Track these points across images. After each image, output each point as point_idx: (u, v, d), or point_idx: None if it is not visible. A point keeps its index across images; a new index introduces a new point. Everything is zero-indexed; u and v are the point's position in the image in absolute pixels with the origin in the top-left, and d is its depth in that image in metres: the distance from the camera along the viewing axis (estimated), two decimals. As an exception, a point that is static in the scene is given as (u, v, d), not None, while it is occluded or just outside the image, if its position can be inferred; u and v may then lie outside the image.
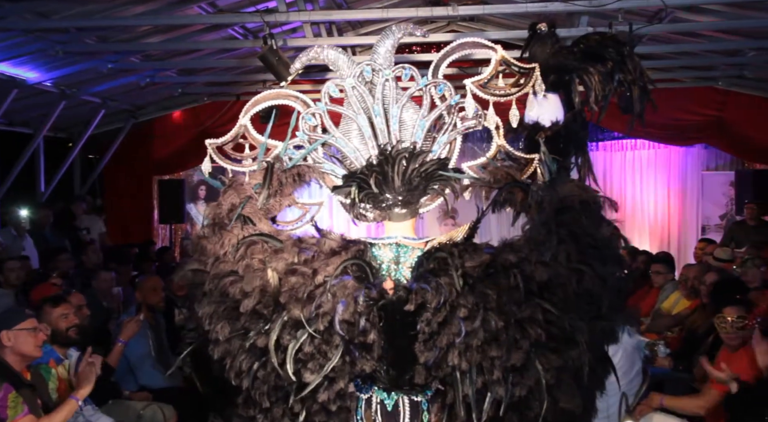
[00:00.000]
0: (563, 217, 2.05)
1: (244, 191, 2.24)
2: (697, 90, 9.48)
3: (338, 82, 2.35)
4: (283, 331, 1.94)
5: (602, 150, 11.40)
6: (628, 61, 2.28)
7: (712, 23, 7.17)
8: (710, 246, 8.03)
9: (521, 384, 1.92)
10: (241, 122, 2.42)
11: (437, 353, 1.91)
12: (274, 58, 6.43)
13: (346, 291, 1.95)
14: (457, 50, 2.36)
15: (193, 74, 9.02)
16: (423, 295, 1.93)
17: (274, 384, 1.99)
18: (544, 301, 1.93)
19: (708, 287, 5.69)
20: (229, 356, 2.03)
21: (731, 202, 10.72)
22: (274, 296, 1.98)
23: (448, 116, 2.30)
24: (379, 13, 7.09)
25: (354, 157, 2.31)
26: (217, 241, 2.13)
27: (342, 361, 1.94)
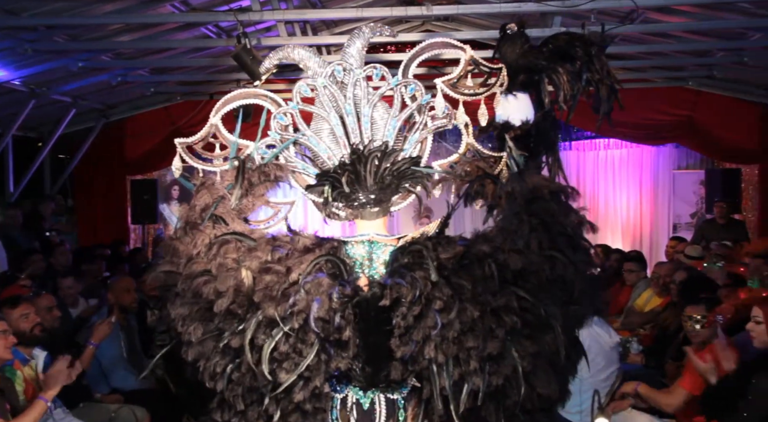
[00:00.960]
0: (533, 206, 2.08)
1: (216, 192, 2.23)
2: (668, 90, 9.59)
3: (310, 82, 2.35)
4: (257, 330, 1.93)
5: (575, 150, 11.51)
6: (595, 60, 2.30)
7: (683, 24, 7.26)
8: (681, 244, 8.15)
9: (498, 372, 1.94)
10: (212, 121, 2.42)
11: (413, 347, 1.91)
12: (248, 57, 6.39)
13: (320, 289, 1.94)
14: (426, 50, 2.39)
15: (166, 73, 8.93)
16: (398, 290, 1.93)
17: (249, 385, 1.98)
18: (518, 289, 1.96)
19: (678, 286, 5.77)
20: (203, 358, 2.01)
21: (701, 201, 10.87)
22: (249, 296, 1.97)
23: (419, 115, 2.33)
24: (354, 13, 7.08)
25: (326, 156, 2.32)
26: (190, 241, 2.12)
27: (317, 359, 1.94)
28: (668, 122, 9.89)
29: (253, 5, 6.31)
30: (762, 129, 9.37)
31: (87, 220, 10.24)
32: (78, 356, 4.48)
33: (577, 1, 6.01)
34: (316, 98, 2.35)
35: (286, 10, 6.70)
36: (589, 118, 6.87)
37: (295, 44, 2.45)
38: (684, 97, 9.56)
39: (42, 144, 9.60)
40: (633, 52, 8.41)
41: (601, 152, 11.48)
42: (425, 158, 2.33)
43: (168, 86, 9.52)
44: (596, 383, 4.36)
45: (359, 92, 2.32)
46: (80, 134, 9.89)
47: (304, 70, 2.39)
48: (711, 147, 10.20)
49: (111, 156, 10.12)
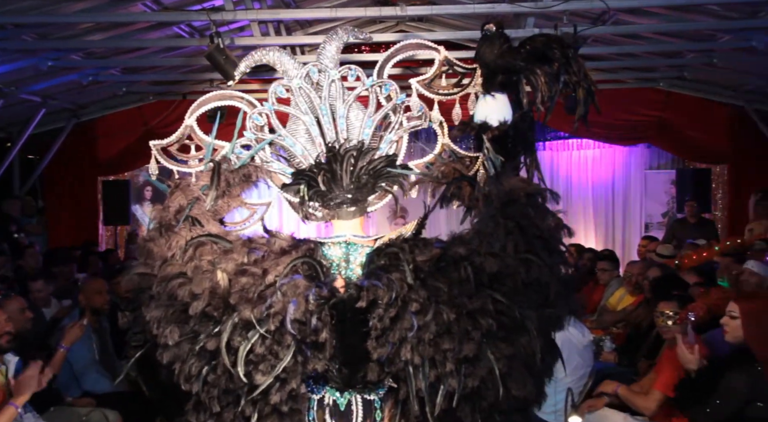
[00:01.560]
0: (510, 209, 2.08)
1: (191, 193, 2.21)
2: (640, 91, 9.70)
3: (285, 83, 2.35)
4: (233, 333, 1.92)
5: (549, 150, 11.60)
6: (572, 62, 2.32)
7: (653, 26, 7.35)
8: (653, 243, 8.25)
9: (473, 374, 1.94)
10: (187, 122, 2.40)
11: (390, 348, 1.92)
12: (221, 57, 6.34)
13: (296, 290, 1.93)
14: (401, 51, 2.41)
15: (138, 73, 8.83)
16: (374, 292, 1.94)
17: (225, 387, 1.97)
18: (494, 291, 1.97)
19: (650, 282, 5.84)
20: (179, 360, 1.99)
21: (673, 200, 11.01)
22: (224, 298, 1.95)
23: (395, 114, 2.34)
24: (328, 13, 7.06)
25: (302, 156, 2.32)
26: (164, 243, 2.10)
27: (294, 361, 1.93)
28: (640, 122, 10.01)
29: (226, 5, 6.27)
30: (731, 129, 9.52)
31: (57, 221, 10.08)
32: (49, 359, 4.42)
33: (549, 2, 6.05)
34: (292, 99, 2.35)
35: (260, 9, 6.66)
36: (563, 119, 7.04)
37: (270, 46, 2.45)
38: (655, 98, 9.68)
39: (11, 144, 9.44)
40: (605, 54, 8.50)
41: (575, 152, 11.58)
42: (401, 157, 2.34)
43: (140, 86, 9.43)
44: (570, 382, 4.39)
45: (334, 93, 2.33)
46: (50, 134, 9.74)
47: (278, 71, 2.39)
48: (681, 147, 10.34)
49: (82, 157, 9.99)
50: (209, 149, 2.36)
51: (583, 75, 2.35)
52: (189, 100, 9.75)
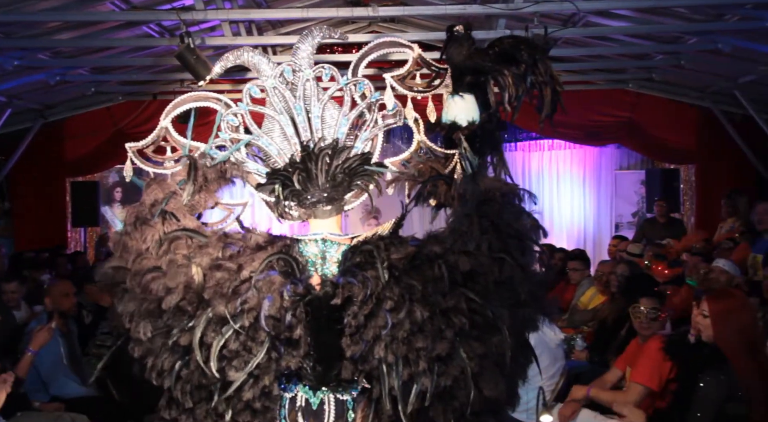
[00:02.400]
0: (485, 208, 2.09)
1: (168, 187, 2.20)
2: (610, 92, 9.78)
3: (259, 83, 2.36)
4: (207, 328, 1.90)
5: (520, 150, 11.68)
6: (540, 63, 2.35)
7: (623, 28, 7.43)
8: (623, 243, 8.34)
9: (446, 373, 1.94)
10: (162, 124, 2.37)
11: (364, 346, 1.91)
12: (192, 57, 6.29)
13: (272, 287, 1.92)
14: (375, 50, 2.40)
15: (107, 73, 8.71)
16: (350, 289, 1.93)
17: (198, 383, 1.95)
18: (467, 290, 1.97)
19: (618, 278, 5.91)
20: (151, 355, 1.98)
21: (642, 200, 11.15)
22: (199, 292, 1.94)
23: (369, 113, 2.34)
24: (300, 13, 7.03)
25: (277, 155, 2.32)
26: (140, 237, 2.07)
27: (267, 358, 1.92)
28: (609, 123, 10.11)
29: (196, 4, 6.22)
30: (698, 130, 9.65)
31: (24, 223, 9.90)
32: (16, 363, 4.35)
33: (520, 4, 6.09)
34: (267, 99, 2.35)
35: (231, 9, 6.61)
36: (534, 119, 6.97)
37: (243, 46, 2.45)
38: (624, 99, 9.77)
39: (-24, 145, 9.29)
40: (575, 55, 8.58)
41: (546, 152, 11.68)
42: (376, 155, 2.34)
43: (109, 86, 9.30)
44: (543, 380, 4.42)
45: (309, 92, 2.33)
46: (17, 135, 9.55)
47: (252, 71, 2.39)
48: (650, 148, 10.47)
49: (50, 157, 9.81)
50: (185, 151, 2.34)
51: (550, 76, 2.38)
52: (159, 101, 9.71)
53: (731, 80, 8.45)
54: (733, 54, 7.30)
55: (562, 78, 7.60)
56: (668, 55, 8.19)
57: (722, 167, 9.66)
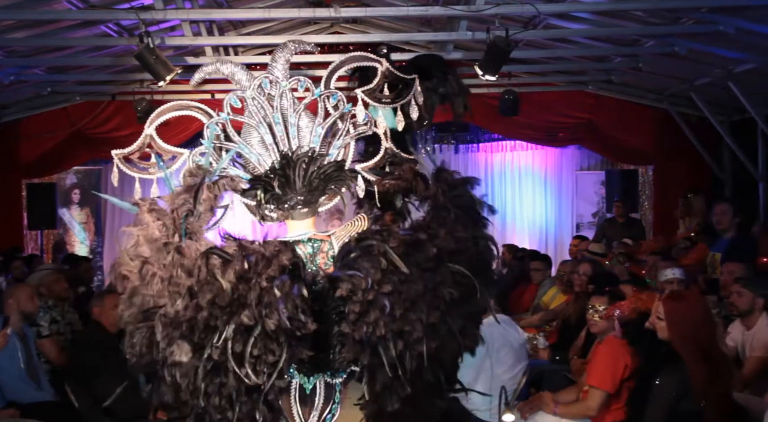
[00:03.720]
0: (455, 198, 2.43)
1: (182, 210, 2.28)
2: (570, 94, 9.91)
3: (239, 94, 2.52)
4: (235, 338, 2.04)
5: (483, 151, 11.77)
6: (451, 78, 2.72)
7: (582, 30, 7.54)
8: (584, 243, 8.45)
9: (436, 337, 2.23)
10: (147, 131, 2.50)
11: (367, 329, 2.12)
12: (152, 57, 6.20)
13: (285, 289, 2.07)
14: (346, 63, 2.60)
15: (64, 73, 8.55)
16: (352, 280, 2.14)
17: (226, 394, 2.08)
18: (453, 265, 2.29)
19: (581, 277, 5.98)
20: (186, 376, 2.07)
21: (602, 200, 11.31)
22: (224, 306, 2.05)
23: (342, 122, 2.54)
24: (261, 13, 6.99)
25: (257, 162, 2.50)
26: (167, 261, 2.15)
27: (288, 356, 2.09)
28: (570, 124, 10.24)
29: (155, 4, 6.12)
30: (656, 132, 9.83)
31: (-22, 226, 9.67)
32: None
33: (481, 6, 6.14)
34: (246, 109, 2.52)
35: (191, 9, 6.54)
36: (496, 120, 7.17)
37: (224, 59, 2.63)
38: (584, 101, 9.89)
39: (-72, 146, 9.03)
40: (536, 57, 8.68)
41: (508, 153, 11.77)
42: (348, 161, 2.56)
43: (66, 86, 9.12)
44: (505, 380, 4.46)
45: (285, 103, 2.51)
46: (-30, 136, 9.35)
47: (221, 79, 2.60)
48: (610, 149, 10.63)
49: (4, 159, 9.56)
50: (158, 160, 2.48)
51: (459, 88, 2.77)
52: (118, 102, 9.56)
53: (687, 83, 8.62)
54: (689, 57, 7.45)
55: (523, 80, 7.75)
56: (626, 57, 8.34)
57: (679, 167, 9.85)
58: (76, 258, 8.76)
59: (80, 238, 11.29)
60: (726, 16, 6.20)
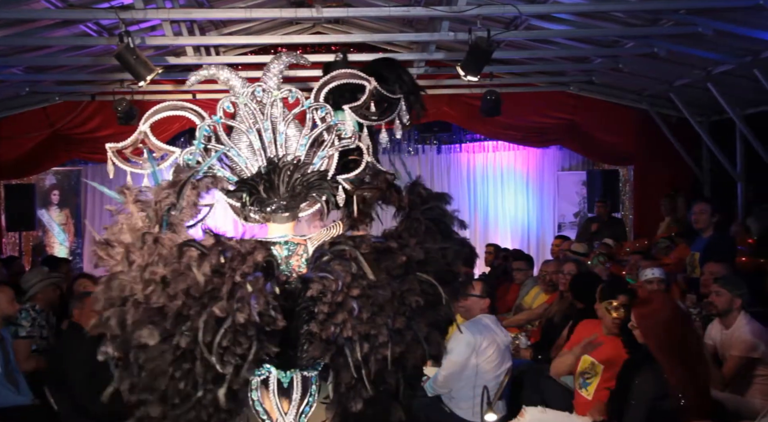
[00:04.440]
0: (428, 211, 2.57)
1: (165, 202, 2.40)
2: (551, 94, 9.96)
3: (232, 99, 2.66)
4: (206, 328, 2.14)
5: (465, 151, 11.80)
6: (404, 77, 2.86)
7: (564, 31, 7.58)
8: (566, 243, 8.49)
9: (401, 342, 2.36)
10: (141, 128, 2.61)
11: (335, 329, 2.25)
12: (132, 56, 6.16)
13: (257, 286, 2.19)
14: (336, 79, 2.73)
15: (43, 72, 8.47)
16: (323, 282, 2.26)
17: (189, 380, 2.18)
18: (421, 274, 2.42)
19: (566, 277, 6.00)
20: (152, 360, 2.17)
21: (584, 200, 11.37)
22: (198, 297, 2.17)
23: (328, 134, 2.69)
24: (243, 13, 6.96)
25: (244, 166, 2.65)
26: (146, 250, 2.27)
27: (257, 349, 2.20)
28: (551, 124, 10.30)
29: (135, 3, 6.08)
30: (636, 132, 9.91)
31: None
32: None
33: (463, 6, 6.15)
34: (237, 114, 2.66)
35: (172, 9, 6.49)
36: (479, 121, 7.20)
37: (220, 64, 2.76)
38: (565, 101, 9.96)
39: None
40: (517, 58, 8.72)
41: (490, 153, 11.81)
42: (332, 171, 2.69)
43: (45, 86, 9.04)
44: (489, 380, 4.48)
45: (276, 111, 2.67)
46: (-53, 136, 9.23)
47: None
48: (591, 149, 10.70)
49: (-18, 160, 9.50)
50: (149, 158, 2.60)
51: (413, 86, 2.90)
52: (98, 102, 9.48)
53: (667, 83, 8.71)
54: (669, 58, 7.53)
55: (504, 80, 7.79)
56: (607, 58, 8.40)
57: (659, 167, 9.93)
58: (55, 260, 8.67)
59: (59, 239, 11.19)
60: (704, 18, 6.27)
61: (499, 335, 4.67)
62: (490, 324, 4.68)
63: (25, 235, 10.24)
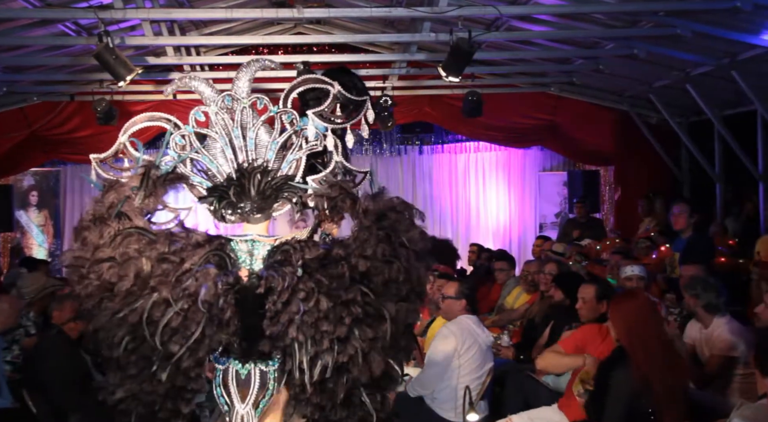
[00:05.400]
0: (382, 222, 2.60)
1: (123, 192, 2.61)
2: (532, 95, 10.00)
3: (203, 109, 2.81)
4: (153, 308, 2.36)
5: (447, 152, 11.83)
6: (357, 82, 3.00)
7: (544, 32, 7.62)
8: (547, 243, 8.53)
9: (344, 352, 2.45)
10: (121, 140, 2.78)
11: (280, 327, 2.40)
12: (111, 56, 6.10)
13: (208, 277, 2.38)
14: (302, 85, 2.87)
15: (21, 72, 8.37)
16: (271, 281, 2.40)
17: (142, 354, 2.41)
18: (363, 286, 2.48)
19: (547, 276, 6.03)
20: (104, 330, 2.42)
21: (565, 201, 11.43)
22: (146, 280, 2.39)
23: (296, 138, 2.83)
24: (223, 13, 6.93)
25: (217, 171, 2.80)
26: (98, 232, 2.50)
27: (202, 334, 2.39)
28: (532, 125, 10.34)
29: (115, 3, 6.02)
30: (616, 133, 9.97)
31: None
32: None
33: (444, 7, 6.16)
34: (209, 122, 2.80)
35: (152, 8, 6.44)
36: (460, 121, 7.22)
37: (192, 75, 2.91)
38: (546, 102, 10.00)
39: None
40: (498, 59, 8.75)
41: (472, 154, 11.85)
42: (300, 174, 2.82)
43: (23, 86, 8.93)
44: (471, 380, 4.49)
45: (245, 118, 2.80)
46: None
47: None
48: (571, 150, 10.76)
49: (-41, 160, 9.37)
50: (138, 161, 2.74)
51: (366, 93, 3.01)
52: (77, 102, 9.39)
53: (646, 84, 8.78)
54: (648, 59, 7.58)
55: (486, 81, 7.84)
56: (587, 59, 8.45)
57: (639, 168, 10.00)
58: (33, 261, 8.58)
59: (38, 241, 11.07)
60: (683, 20, 6.33)
61: (480, 335, 4.68)
62: (472, 324, 4.69)
63: (3, 236, 10.12)
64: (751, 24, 6.06)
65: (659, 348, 3.51)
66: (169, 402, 2.51)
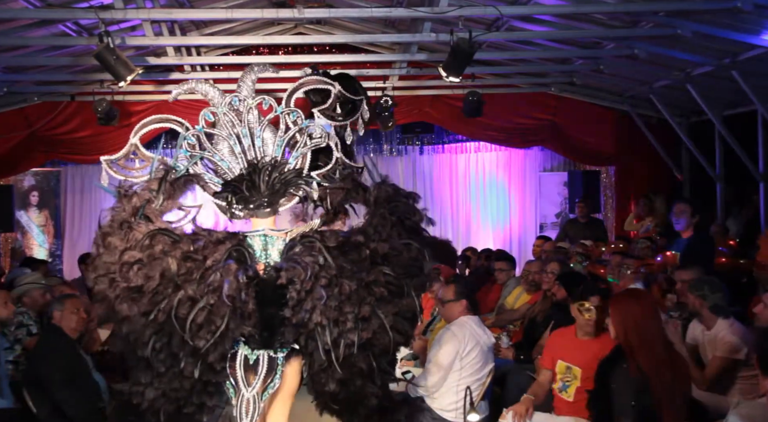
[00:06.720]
0: (392, 207, 2.81)
1: (144, 196, 2.73)
2: (533, 95, 10.00)
3: (212, 110, 2.96)
4: (179, 306, 2.49)
5: (447, 152, 11.81)
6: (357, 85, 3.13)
7: (545, 32, 7.62)
8: (548, 243, 8.52)
9: (367, 329, 2.63)
10: (132, 141, 2.92)
11: (304, 314, 2.54)
12: (112, 57, 6.10)
13: (230, 272, 2.52)
14: (305, 85, 3.02)
15: (21, 72, 8.38)
16: (293, 272, 2.54)
17: (170, 351, 2.54)
18: (384, 267, 2.68)
19: (549, 275, 6.02)
20: (134, 331, 2.54)
21: (565, 201, 11.41)
22: (171, 279, 2.53)
23: (300, 135, 2.97)
24: (224, 14, 6.93)
25: (227, 169, 2.94)
26: (121, 237, 2.63)
27: (227, 328, 2.52)
28: (533, 125, 10.33)
29: (115, 3, 6.02)
30: (617, 133, 9.98)
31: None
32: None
33: (445, 8, 6.16)
34: (217, 123, 2.96)
35: (152, 9, 6.45)
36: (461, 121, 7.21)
37: (197, 79, 3.05)
38: (547, 103, 10.00)
39: None
40: (499, 59, 8.74)
41: (472, 154, 11.83)
42: (306, 169, 2.96)
43: (23, 86, 8.93)
44: (473, 381, 4.49)
45: (252, 118, 2.95)
46: None
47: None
48: (572, 150, 10.75)
49: (-41, 160, 9.36)
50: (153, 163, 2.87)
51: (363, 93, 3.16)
52: (78, 102, 9.38)
53: (647, 85, 8.77)
54: (649, 59, 7.58)
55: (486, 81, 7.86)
56: (588, 59, 8.45)
57: (640, 168, 10.01)
58: (34, 261, 8.58)
59: (39, 241, 11.06)
60: (683, 20, 6.33)
61: (482, 336, 4.68)
62: (474, 325, 4.68)
63: (3, 237, 10.12)
64: (751, 24, 6.06)
65: (661, 348, 3.51)
66: (195, 396, 2.62)
